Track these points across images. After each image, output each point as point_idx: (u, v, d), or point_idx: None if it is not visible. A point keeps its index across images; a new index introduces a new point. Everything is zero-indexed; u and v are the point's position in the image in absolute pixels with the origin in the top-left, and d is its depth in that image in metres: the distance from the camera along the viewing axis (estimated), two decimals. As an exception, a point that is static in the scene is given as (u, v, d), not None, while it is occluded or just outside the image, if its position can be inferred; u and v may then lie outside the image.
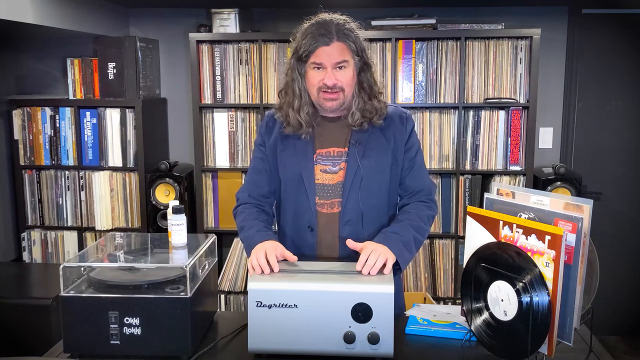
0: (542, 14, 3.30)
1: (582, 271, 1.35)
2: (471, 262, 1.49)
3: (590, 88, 3.43)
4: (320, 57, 1.65)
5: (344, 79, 1.67)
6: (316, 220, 1.74)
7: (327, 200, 1.74)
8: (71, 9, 2.86)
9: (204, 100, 3.25)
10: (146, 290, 1.48)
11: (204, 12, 3.36)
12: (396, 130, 1.77)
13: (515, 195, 1.50)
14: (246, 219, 1.76)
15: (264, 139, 1.82)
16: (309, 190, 1.73)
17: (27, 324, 2.44)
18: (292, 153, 1.76)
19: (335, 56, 1.65)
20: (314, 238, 1.74)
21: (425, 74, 3.13)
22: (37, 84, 3.49)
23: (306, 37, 1.66)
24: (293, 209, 1.77)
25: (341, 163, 1.74)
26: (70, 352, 1.49)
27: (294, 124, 1.72)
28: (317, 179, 1.74)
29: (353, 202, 1.72)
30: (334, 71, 1.65)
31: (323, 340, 1.43)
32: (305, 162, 1.74)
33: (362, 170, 1.71)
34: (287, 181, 1.77)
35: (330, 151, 1.75)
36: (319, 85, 1.67)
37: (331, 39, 1.64)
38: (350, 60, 1.67)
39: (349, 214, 1.73)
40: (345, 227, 1.73)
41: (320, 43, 1.64)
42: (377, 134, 1.75)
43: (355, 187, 1.72)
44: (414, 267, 3.23)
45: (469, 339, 1.53)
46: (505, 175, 3.17)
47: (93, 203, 3.29)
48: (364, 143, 1.74)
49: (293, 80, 1.73)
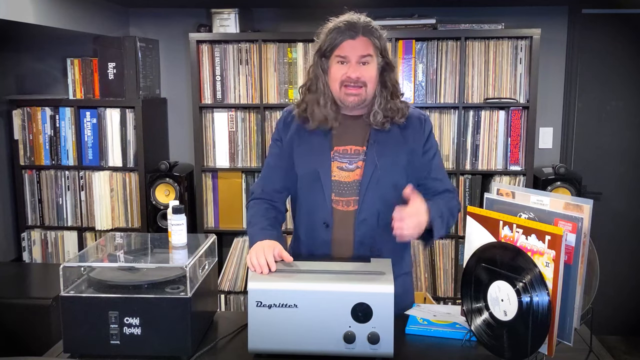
0: (542, 14, 3.30)
1: (582, 271, 1.35)
2: (471, 262, 1.50)
3: (590, 88, 3.43)
4: (345, 50, 1.66)
5: (367, 74, 1.68)
6: (332, 217, 1.74)
7: (343, 198, 1.75)
8: (71, 9, 2.86)
9: (204, 100, 3.25)
10: (146, 290, 1.48)
11: (204, 12, 3.36)
12: (415, 132, 1.78)
13: (515, 195, 1.50)
14: (255, 214, 1.78)
15: (281, 134, 1.83)
16: (325, 187, 1.74)
17: (27, 324, 2.44)
18: (309, 149, 1.77)
19: (360, 49, 1.66)
20: (329, 235, 1.75)
21: (425, 74, 3.13)
22: (37, 84, 3.49)
23: (332, 32, 1.68)
24: (309, 205, 1.78)
25: (358, 161, 1.75)
26: (70, 352, 1.49)
27: (320, 118, 1.73)
28: (334, 175, 1.75)
29: (370, 200, 1.73)
30: (358, 66, 1.67)
31: (323, 340, 1.43)
32: (322, 158, 1.75)
33: (379, 169, 1.72)
34: (304, 177, 1.78)
35: (347, 149, 1.76)
36: (342, 78, 1.68)
37: (357, 33, 1.66)
38: (374, 56, 1.69)
39: (365, 213, 1.73)
40: (361, 225, 1.74)
41: (346, 36, 1.66)
42: (396, 134, 1.76)
43: (372, 186, 1.72)
44: (414, 267, 3.23)
45: (469, 339, 1.53)
46: (505, 175, 3.17)
47: (93, 203, 3.30)
48: (383, 143, 1.75)
49: (317, 77, 1.74)
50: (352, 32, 1.66)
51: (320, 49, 1.72)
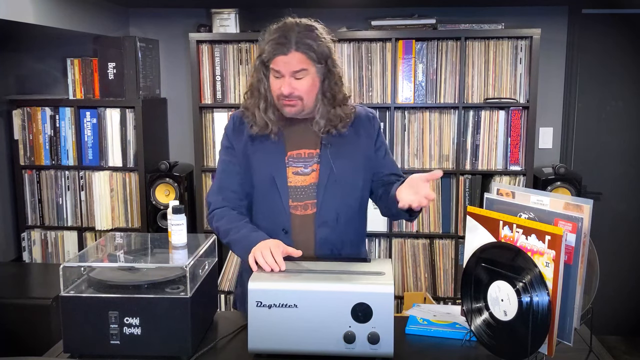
0: (542, 14, 3.30)
1: (582, 271, 1.35)
2: (471, 262, 1.49)
3: (590, 88, 3.43)
4: (279, 65, 1.64)
5: (302, 87, 1.66)
6: (290, 223, 1.74)
7: (301, 202, 1.74)
8: (71, 9, 2.86)
9: (204, 100, 3.25)
10: (146, 290, 1.47)
11: (204, 12, 3.36)
12: (365, 130, 1.80)
13: (515, 195, 1.50)
14: (231, 221, 1.73)
15: (231, 141, 1.81)
16: (282, 193, 1.73)
17: (27, 324, 2.44)
18: (263, 155, 1.75)
19: (292, 65, 1.63)
20: (289, 240, 1.71)
21: (425, 74, 3.13)
22: (37, 84, 3.49)
23: (268, 43, 1.66)
24: (266, 212, 1.77)
25: (313, 164, 1.74)
26: (70, 352, 1.49)
27: (261, 123, 1.72)
28: (290, 181, 1.74)
29: (328, 203, 1.73)
30: (292, 80, 1.65)
31: (323, 340, 1.43)
32: (277, 164, 1.74)
33: (335, 171, 1.72)
34: (260, 184, 1.76)
35: (301, 153, 1.75)
36: (277, 92, 1.67)
37: (289, 49, 1.63)
38: (310, 68, 1.65)
39: (324, 215, 1.73)
40: (321, 229, 1.74)
41: (278, 52, 1.63)
42: (349, 134, 1.76)
43: (330, 188, 1.72)
44: (414, 267, 3.24)
45: (469, 339, 1.53)
46: (505, 175, 3.17)
47: (93, 203, 3.30)
48: (336, 144, 1.74)
49: (259, 81, 1.72)
50: (284, 47, 1.62)
51: (260, 56, 1.70)
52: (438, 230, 3.24)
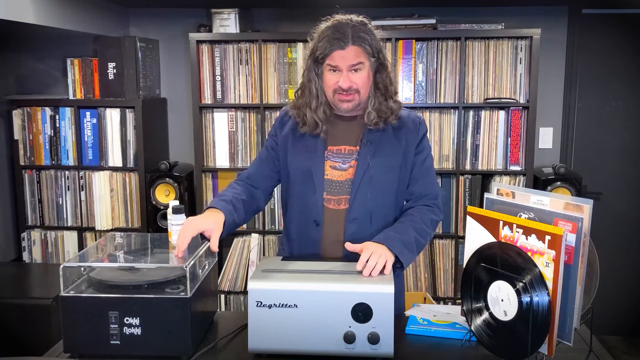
0: (542, 14, 3.30)
1: (582, 271, 1.35)
2: (471, 262, 1.50)
3: (590, 88, 3.43)
4: (336, 60, 1.66)
5: (359, 81, 1.68)
6: (322, 215, 1.75)
7: (335, 197, 1.75)
8: (71, 9, 2.86)
9: (204, 100, 3.25)
10: (146, 290, 1.47)
11: (204, 12, 3.36)
12: (408, 133, 1.79)
13: (515, 195, 1.50)
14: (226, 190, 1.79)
15: (276, 130, 1.86)
16: (317, 185, 1.74)
17: (27, 324, 2.44)
18: (302, 148, 1.78)
19: (350, 59, 1.65)
20: (319, 233, 1.75)
21: (425, 74, 3.13)
22: (37, 84, 3.49)
23: (322, 40, 1.67)
24: (300, 204, 1.79)
25: (351, 161, 1.75)
26: (70, 352, 1.49)
27: (311, 123, 1.74)
28: (327, 174, 1.76)
29: (361, 199, 1.73)
30: (349, 74, 1.67)
31: (323, 340, 1.43)
32: (315, 157, 1.76)
33: (372, 168, 1.72)
34: (296, 175, 1.78)
35: (341, 149, 1.77)
36: (334, 87, 1.69)
37: (346, 43, 1.65)
38: (365, 62, 1.68)
39: (355, 212, 1.74)
40: (351, 224, 1.74)
41: (336, 47, 1.65)
42: (390, 135, 1.77)
43: (364, 185, 1.73)
44: (413, 267, 3.23)
45: (469, 339, 1.53)
46: (505, 175, 3.17)
47: (93, 203, 3.30)
48: (376, 143, 1.75)
49: (310, 81, 1.74)
50: (341, 42, 1.64)
51: (312, 54, 1.71)
52: (438, 230, 3.23)
